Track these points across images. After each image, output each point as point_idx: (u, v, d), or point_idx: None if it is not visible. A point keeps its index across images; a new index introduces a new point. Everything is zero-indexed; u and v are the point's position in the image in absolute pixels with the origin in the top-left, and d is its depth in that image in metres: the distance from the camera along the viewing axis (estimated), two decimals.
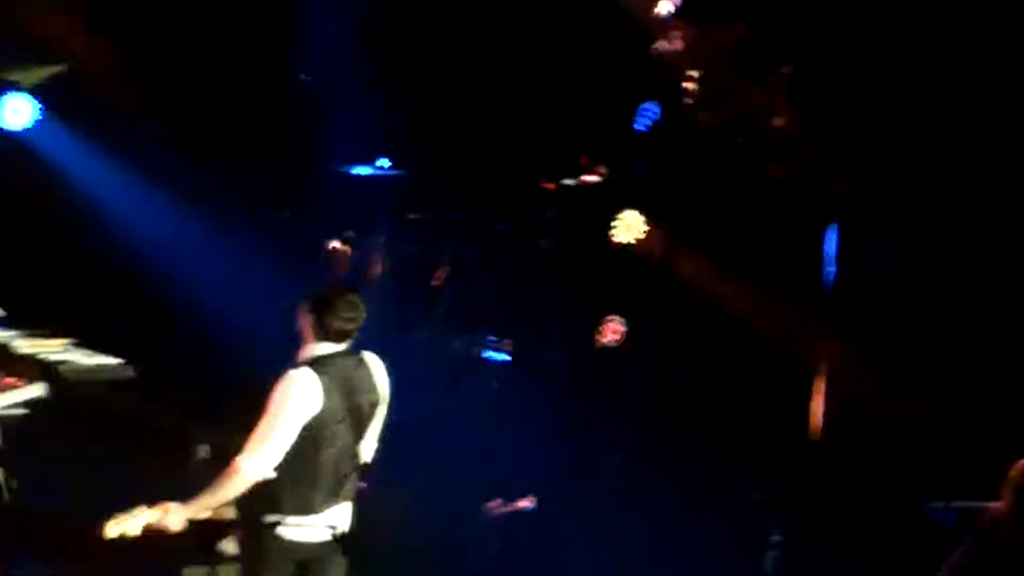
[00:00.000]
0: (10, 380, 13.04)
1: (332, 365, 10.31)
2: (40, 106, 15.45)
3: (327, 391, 10.22)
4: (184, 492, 10.28)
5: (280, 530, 10.36)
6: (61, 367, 13.56)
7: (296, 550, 10.63)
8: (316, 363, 10.26)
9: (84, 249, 16.04)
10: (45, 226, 16.00)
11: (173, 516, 9.97)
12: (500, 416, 15.16)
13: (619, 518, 15.10)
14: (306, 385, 10.08)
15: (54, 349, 13.59)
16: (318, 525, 10.61)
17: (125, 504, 10.26)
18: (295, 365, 10.29)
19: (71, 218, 15.98)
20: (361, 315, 10.33)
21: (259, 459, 10.01)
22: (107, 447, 14.39)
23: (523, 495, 14.78)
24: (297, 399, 10.08)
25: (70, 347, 13.90)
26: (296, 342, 10.65)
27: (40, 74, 15.55)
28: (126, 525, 9.90)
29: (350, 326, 10.31)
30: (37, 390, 13.14)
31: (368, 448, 10.81)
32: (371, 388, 10.57)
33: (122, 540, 10.21)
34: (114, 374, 14.00)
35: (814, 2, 16.00)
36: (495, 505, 14.80)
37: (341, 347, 10.31)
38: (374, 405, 10.58)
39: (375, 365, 10.57)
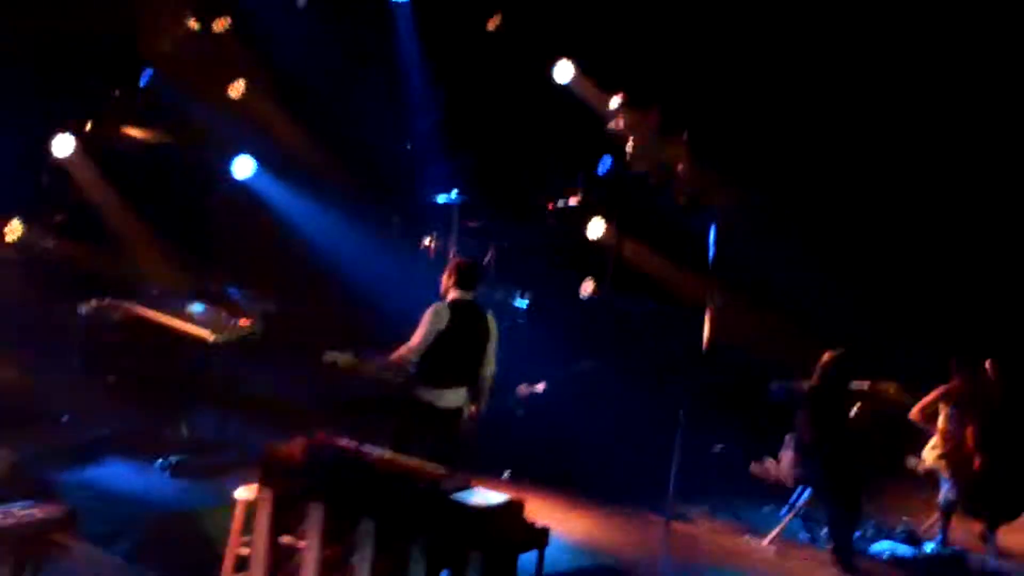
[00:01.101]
0: (244, 321, 13.78)
1: (460, 304, 11.54)
2: (256, 163, 15.53)
3: (453, 317, 11.42)
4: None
5: (424, 397, 11.59)
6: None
7: (433, 411, 11.61)
8: (451, 301, 11.55)
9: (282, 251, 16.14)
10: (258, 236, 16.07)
11: (363, 366, 11.41)
12: (522, 340, 15.52)
13: (594, 400, 15.64)
14: (440, 311, 11.46)
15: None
16: (447, 397, 11.68)
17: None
18: (439, 300, 11.58)
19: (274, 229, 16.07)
20: (479, 277, 11.89)
21: (410, 349, 11.40)
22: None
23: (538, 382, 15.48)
24: (433, 318, 11.39)
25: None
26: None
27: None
28: (337, 357, 11.37)
29: (473, 281, 11.73)
30: (257, 325, 13.94)
31: (488, 365, 11.86)
32: (484, 325, 11.67)
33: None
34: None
35: (700, 92, 16.61)
36: (522, 388, 15.50)
37: (469, 295, 11.66)
38: (485, 336, 11.70)
39: (489, 315, 11.76)
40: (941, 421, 13.91)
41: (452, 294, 11.85)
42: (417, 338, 11.60)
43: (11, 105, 14.11)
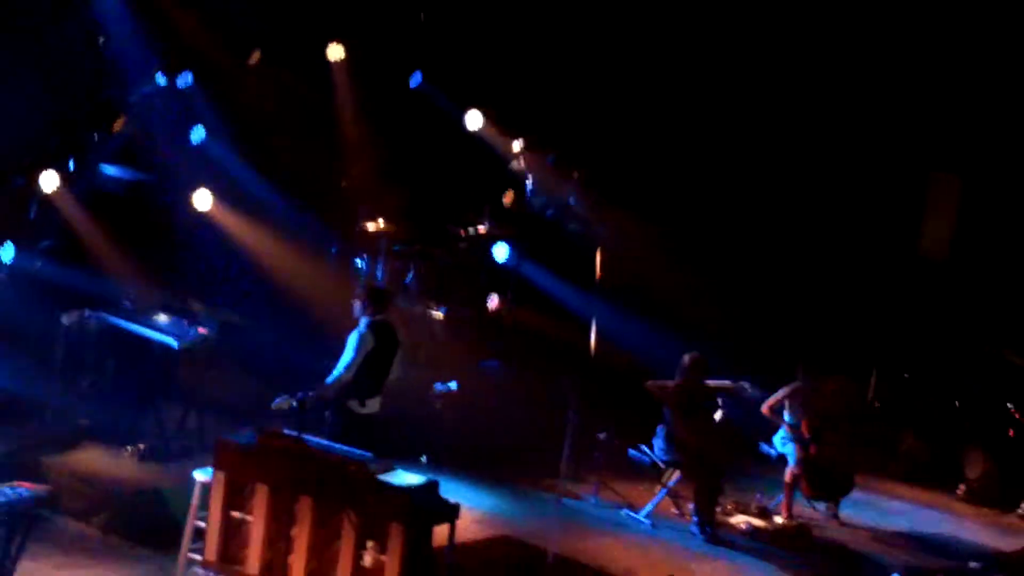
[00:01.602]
0: (203, 329, 13.52)
1: (379, 325, 11.53)
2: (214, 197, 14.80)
3: (376, 339, 11.43)
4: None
5: (352, 406, 11.63)
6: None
7: (359, 416, 11.62)
8: (371, 324, 11.52)
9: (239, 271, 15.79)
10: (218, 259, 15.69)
11: (311, 400, 11.17)
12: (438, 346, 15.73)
13: (499, 396, 15.57)
14: (365, 336, 11.46)
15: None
16: (370, 405, 11.73)
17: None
18: (360, 323, 11.54)
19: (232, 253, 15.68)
20: (389, 298, 11.90)
21: (346, 371, 11.42)
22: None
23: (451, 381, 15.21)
24: (360, 343, 11.41)
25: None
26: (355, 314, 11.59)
27: None
28: (284, 403, 11.09)
29: (385, 303, 11.73)
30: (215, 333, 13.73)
31: (395, 369, 11.88)
32: (393, 339, 11.69)
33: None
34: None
35: (589, 137, 16.88)
36: (437, 386, 15.16)
37: (382, 316, 11.61)
38: (395, 348, 11.75)
39: (394, 327, 11.79)
40: (786, 415, 14.11)
41: (370, 316, 11.78)
42: (349, 361, 11.57)
43: (6, 147, 14.07)
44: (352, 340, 11.64)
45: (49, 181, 14.00)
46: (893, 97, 17.47)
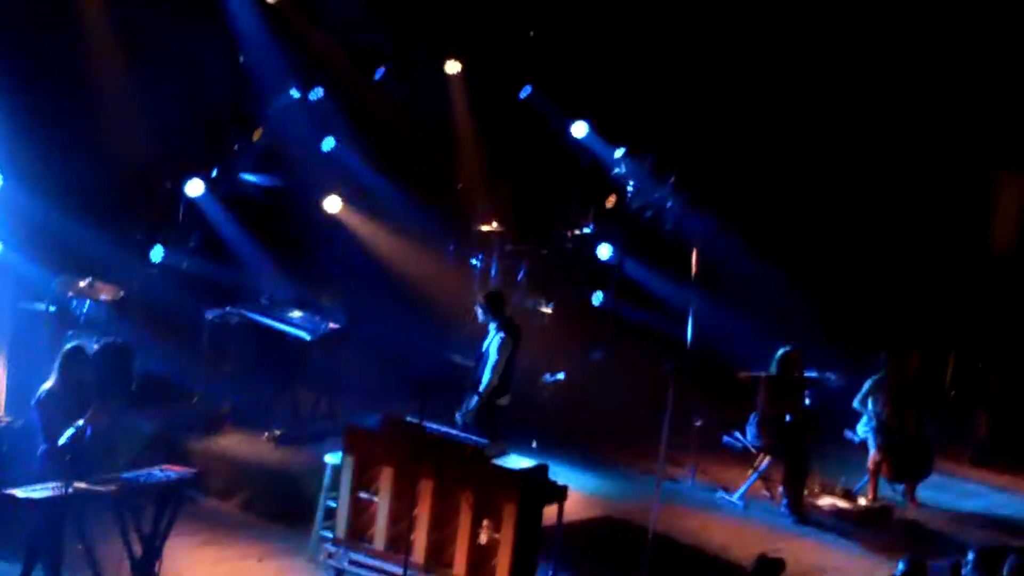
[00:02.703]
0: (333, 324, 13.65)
1: (511, 327, 11.51)
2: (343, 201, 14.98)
3: (513, 339, 11.41)
4: None
5: (497, 401, 11.65)
6: None
7: (499, 408, 11.73)
8: (506, 328, 11.47)
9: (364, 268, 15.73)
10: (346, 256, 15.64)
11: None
12: (546, 338, 15.39)
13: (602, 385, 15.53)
14: (506, 338, 11.43)
15: None
16: (505, 398, 11.78)
17: None
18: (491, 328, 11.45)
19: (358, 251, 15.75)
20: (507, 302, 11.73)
21: (492, 375, 11.42)
22: None
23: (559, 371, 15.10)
24: (503, 345, 11.38)
25: None
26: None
27: None
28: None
29: (505, 306, 11.64)
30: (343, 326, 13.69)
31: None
32: (519, 335, 11.65)
33: None
34: None
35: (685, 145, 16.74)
36: (546, 376, 14.98)
37: (505, 317, 11.49)
38: (519, 343, 11.64)
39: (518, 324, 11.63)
40: (870, 403, 13.83)
41: (495, 319, 11.67)
42: (494, 364, 11.53)
43: (157, 156, 14.14)
44: (494, 346, 11.54)
45: (195, 187, 14.05)
46: (959, 103, 17.16)
